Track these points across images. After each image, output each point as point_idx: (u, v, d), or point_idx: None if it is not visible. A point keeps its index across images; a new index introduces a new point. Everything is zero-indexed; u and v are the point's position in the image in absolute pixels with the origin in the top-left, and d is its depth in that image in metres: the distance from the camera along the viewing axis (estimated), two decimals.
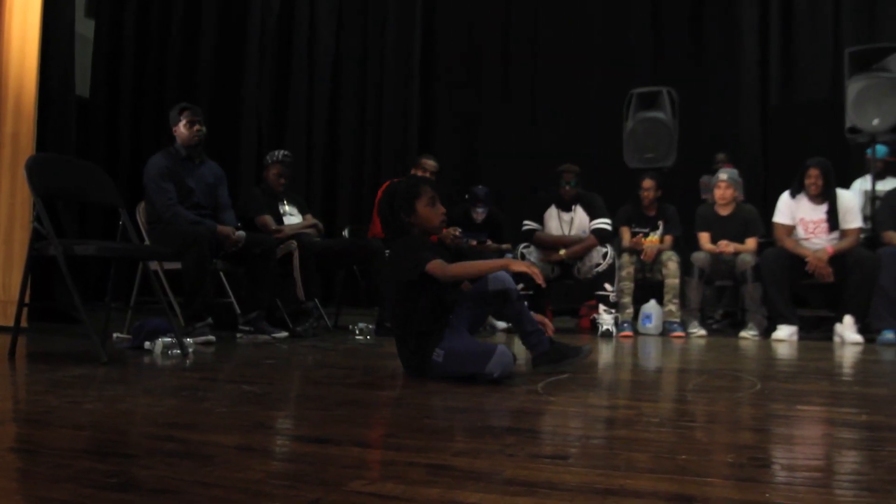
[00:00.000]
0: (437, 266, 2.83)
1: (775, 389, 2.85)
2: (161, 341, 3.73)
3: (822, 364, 3.95)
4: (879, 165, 6.32)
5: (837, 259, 5.44)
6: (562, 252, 5.86)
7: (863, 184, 6.40)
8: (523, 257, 5.89)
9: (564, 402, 2.41)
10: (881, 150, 6.40)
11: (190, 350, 3.76)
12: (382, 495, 1.31)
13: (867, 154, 6.24)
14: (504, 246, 6.40)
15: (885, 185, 6.20)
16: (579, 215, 5.99)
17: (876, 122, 5.96)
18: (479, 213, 6.50)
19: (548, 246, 5.93)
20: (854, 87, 6.08)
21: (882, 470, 1.56)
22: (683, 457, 1.65)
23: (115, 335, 4.38)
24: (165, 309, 3.84)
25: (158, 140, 7.17)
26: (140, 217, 4.91)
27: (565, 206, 6.01)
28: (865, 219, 5.93)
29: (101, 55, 7.79)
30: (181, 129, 4.79)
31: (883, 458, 1.67)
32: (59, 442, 1.74)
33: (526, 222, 6.06)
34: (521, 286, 5.85)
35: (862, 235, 5.68)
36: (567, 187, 5.94)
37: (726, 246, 5.85)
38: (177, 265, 4.54)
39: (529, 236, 6.00)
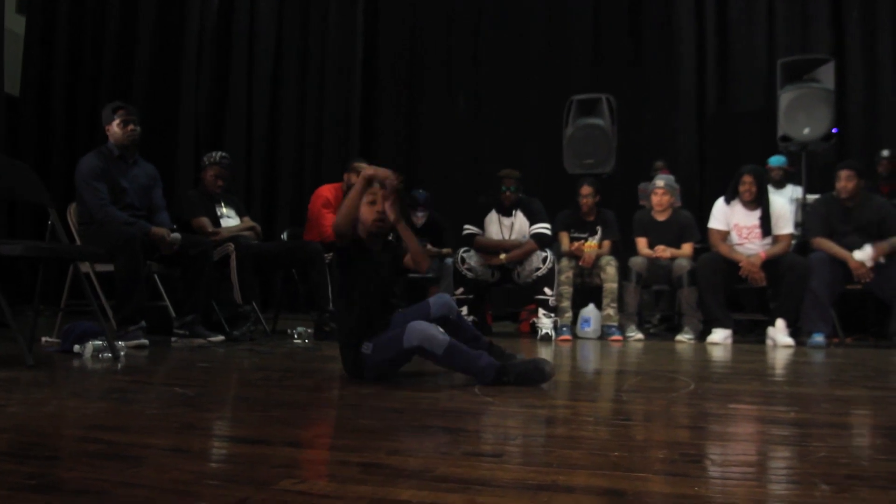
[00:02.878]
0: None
1: (709, 389, 2.89)
2: (91, 344, 3.62)
3: (755, 366, 4.03)
4: (779, 174, 6.55)
5: (770, 264, 5.56)
6: (502, 256, 5.89)
7: (793, 191, 6.58)
8: (463, 262, 5.91)
9: (501, 403, 2.41)
10: (779, 159, 6.62)
11: (121, 353, 3.66)
12: (312, 493, 1.29)
13: (768, 164, 6.50)
14: (444, 250, 6.42)
15: (783, 194, 6.42)
16: (519, 220, 6.02)
17: (807, 130, 6.14)
18: (419, 217, 6.51)
19: (488, 250, 5.95)
20: (786, 97, 6.25)
21: (809, 464, 1.59)
22: (617, 453, 1.66)
23: (43, 339, 4.25)
24: (97, 312, 3.73)
25: (92, 139, 7.01)
26: (71, 218, 4.76)
27: (505, 211, 6.04)
28: (797, 225, 6.09)
29: (32, 52, 7.59)
30: (114, 128, 4.68)
31: (810, 453, 1.70)
32: None
33: (466, 227, 6.06)
34: (460, 290, 5.92)
35: (793, 241, 5.83)
36: (507, 192, 5.97)
37: (663, 251, 5.94)
38: (109, 267, 4.42)
39: (470, 241, 6.01)
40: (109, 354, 3.57)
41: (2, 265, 3.30)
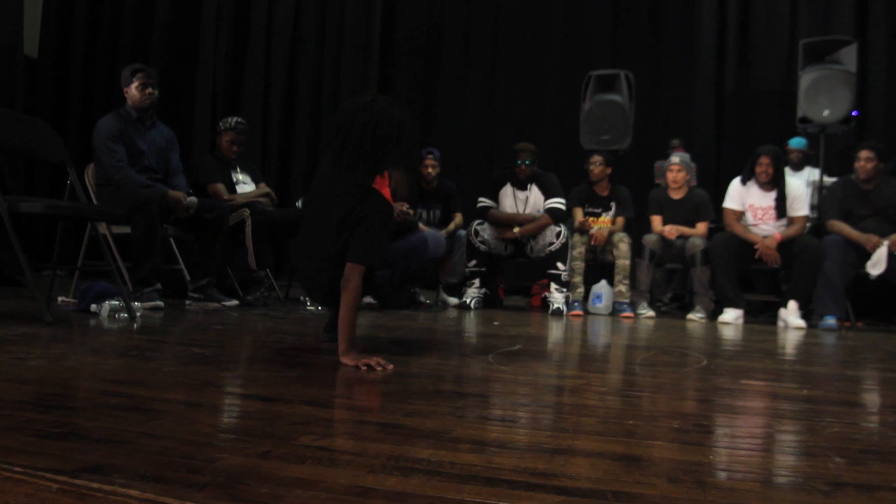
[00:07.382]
0: (353, 270, 2.49)
1: (720, 366, 2.90)
2: (108, 304, 3.67)
3: (766, 345, 4.03)
4: (798, 156, 6.51)
5: (784, 246, 5.55)
6: (515, 230, 5.89)
7: (810, 173, 6.54)
8: (477, 234, 5.91)
9: (514, 372, 2.43)
10: (800, 141, 6.58)
11: (138, 314, 3.70)
12: (333, 450, 1.31)
13: (788, 146, 6.46)
14: (456, 218, 6.33)
15: (800, 176, 6.39)
16: (534, 194, 6.01)
17: (826, 112, 6.09)
18: (433, 167, 6.30)
19: (502, 223, 5.96)
20: (807, 78, 6.19)
21: (821, 438, 1.60)
22: (630, 422, 1.68)
23: (59, 299, 4.29)
24: (113, 273, 3.77)
25: (109, 101, 7.02)
26: (89, 179, 4.79)
27: (521, 185, 6.04)
28: (812, 207, 6.06)
29: (51, 14, 7.58)
30: (133, 90, 4.69)
31: (822, 428, 1.71)
32: (1, 395, 1.70)
33: (481, 199, 6.07)
34: (473, 262, 5.92)
35: (808, 223, 5.80)
36: (522, 166, 5.96)
37: (669, 232, 5.93)
38: (126, 229, 4.45)
39: (484, 213, 6.01)
40: (126, 314, 3.61)
41: (19, 223, 3.32)
